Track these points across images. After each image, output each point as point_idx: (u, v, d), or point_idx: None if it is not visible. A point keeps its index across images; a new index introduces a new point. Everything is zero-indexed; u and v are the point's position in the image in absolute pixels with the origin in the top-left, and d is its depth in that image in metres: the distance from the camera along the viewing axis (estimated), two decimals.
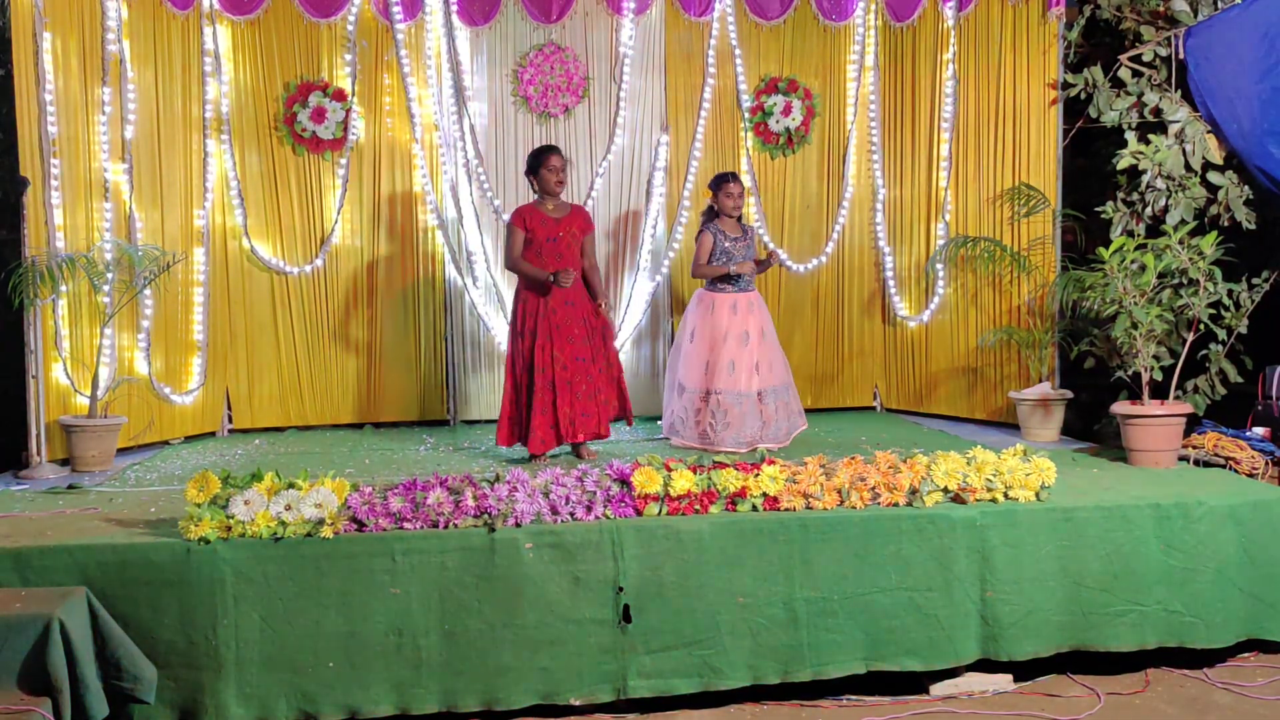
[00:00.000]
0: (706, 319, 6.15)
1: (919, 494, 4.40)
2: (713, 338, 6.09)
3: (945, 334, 7.31)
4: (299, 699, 3.98)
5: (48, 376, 5.82)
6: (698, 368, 6.10)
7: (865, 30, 7.67)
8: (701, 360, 6.10)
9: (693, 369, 6.13)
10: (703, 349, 6.11)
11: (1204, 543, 4.48)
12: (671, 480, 4.26)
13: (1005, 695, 4.35)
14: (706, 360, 6.07)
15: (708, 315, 6.16)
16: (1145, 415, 5.34)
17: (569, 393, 5.69)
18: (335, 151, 7.21)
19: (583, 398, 5.72)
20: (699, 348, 6.13)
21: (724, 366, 6.02)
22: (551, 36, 7.33)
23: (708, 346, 6.09)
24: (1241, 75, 5.83)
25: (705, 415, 6.03)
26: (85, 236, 6.14)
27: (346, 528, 4.07)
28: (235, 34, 7.07)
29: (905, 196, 7.59)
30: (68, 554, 3.93)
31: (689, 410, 6.11)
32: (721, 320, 6.11)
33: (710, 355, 6.07)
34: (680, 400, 6.18)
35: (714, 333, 6.10)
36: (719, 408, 5.99)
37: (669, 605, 4.16)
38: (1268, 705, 4.21)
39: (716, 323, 6.11)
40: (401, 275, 7.34)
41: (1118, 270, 5.48)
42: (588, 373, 5.75)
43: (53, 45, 5.88)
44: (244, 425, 7.21)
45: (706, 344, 6.10)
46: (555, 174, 5.79)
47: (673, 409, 6.24)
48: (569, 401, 5.68)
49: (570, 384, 5.69)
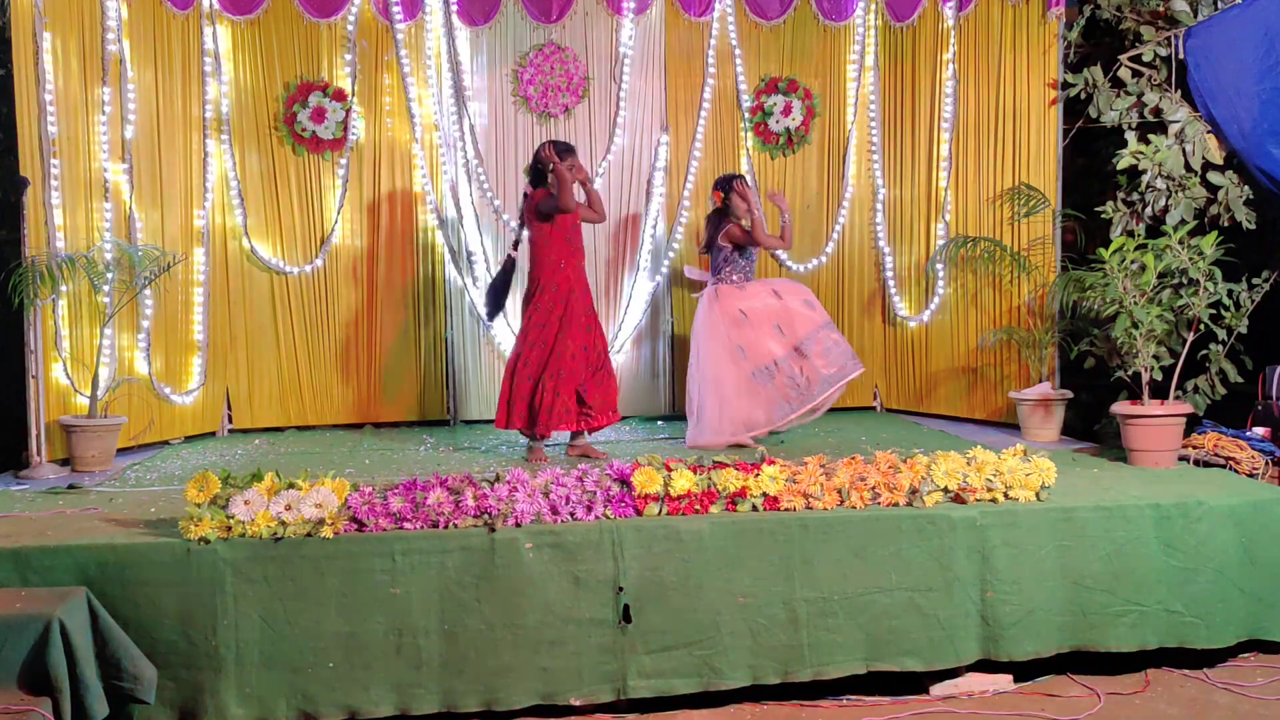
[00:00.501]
0: (734, 302, 6.15)
1: (919, 494, 4.39)
2: (756, 313, 6.11)
3: (945, 334, 7.31)
4: (299, 699, 3.98)
5: (48, 376, 5.82)
6: (758, 342, 6.06)
7: (865, 30, 7.67)
8: (762, 334, 6.07)
9: (754, 346, 6.07)
10: (752, 326, 6.10)
11: (1204, 543, 4.48)
12: (671, 480, 4.26)
13: (1005, 695, 4.35)
14: (758, 332, 6.07)
15: (735, 299, 6.16)
16: (1145, 415, 5.34)
17: (591, 379, 5.84)
18: (335, 151, 7.21)
19: (599, 386, 5.89)
20: (747, 329, 6.10)
21: (772, 329, 6.07)
22: (551, 36, 7.34)
23: (753, 321, 6.09)
24: (1242, 75, 5.83)
25: (799, 368, 6.02)
26: (85, 236, 6.14)
27: (346, 528, 4.07)
28: (235, 34, 7.07)
29: (905, 196, 7.59)
30: (68, 554, 3.93)
31: (776, 382, 6.03)
32: (744, 299, 6.15)
33: (758, 327, 6.08)
34: (748, 387, 6.06)
35: (751, 309, 6.12)
36: (809, 352, 6.02)
37: (669, 605, 4.16)
38: (1268, 705, 4.20)
39: (746, 300, 6.14)
40: (401, 275, 7.34)
41: (1118, 270, 5.48)
42: (602, 362, 5.96)
43: (53, 45, 5.88)
44: (244, 425, 7.22)
45: (751, 320, 6.10)
46: (574, 173, 5.89)
47: (721, 409, 6.07)
48: (588, 388, 5.84)
49: (589, 370, 5.86)
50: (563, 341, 5.76)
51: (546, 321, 5.79)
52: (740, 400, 6.01)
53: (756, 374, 6.03)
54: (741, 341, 6.08)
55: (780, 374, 6.02)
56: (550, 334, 5.78)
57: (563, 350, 5.75)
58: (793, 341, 6.09)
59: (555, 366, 5.72)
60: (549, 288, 5.81)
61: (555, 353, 5.75)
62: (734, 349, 6.05)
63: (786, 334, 6.10)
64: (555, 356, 5.74)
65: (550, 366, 5.73)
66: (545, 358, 5.75)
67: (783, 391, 6.02)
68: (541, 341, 5.78)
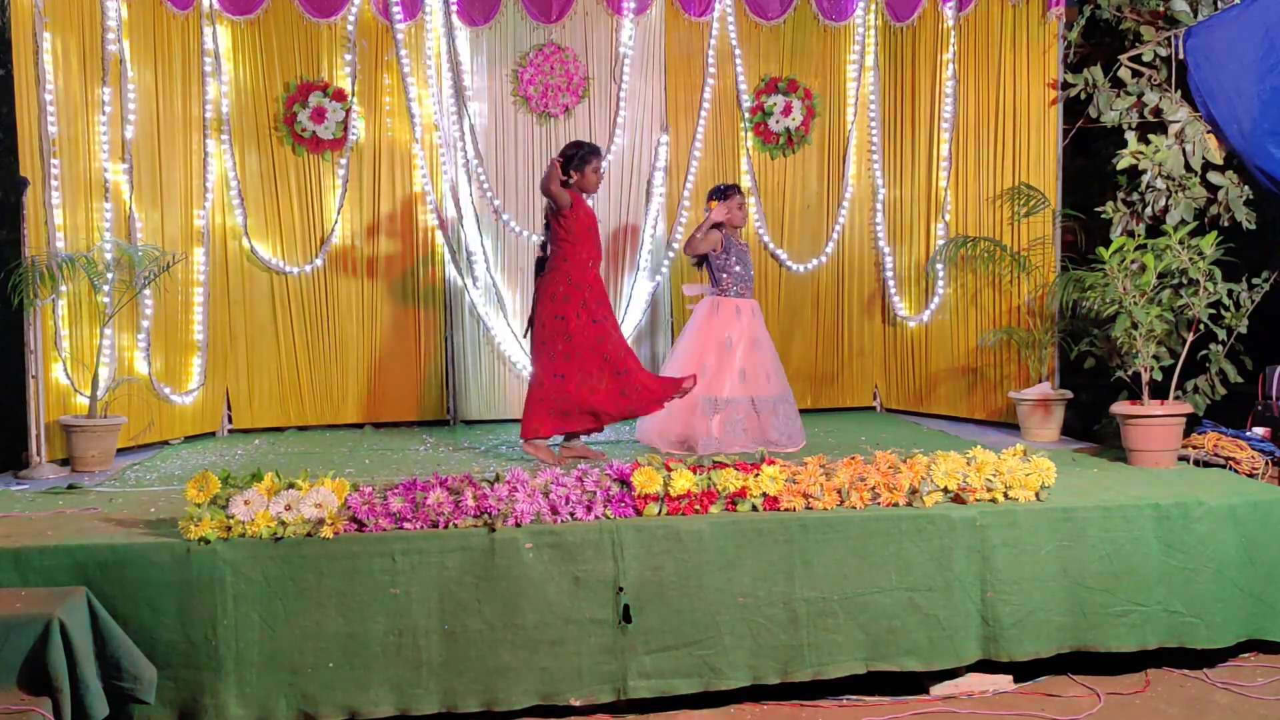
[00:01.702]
0: (712, 320, 6.03)
1: (919, 494, 4.39)
2: (719, 342, 5.96)
3: (945, 334, 7.31)
4: (299, 699, 3.98)
5: (48, 376, 5.82)
6: (720, 373, 5.92)
7: (865, 30, 7.67)
8: (725, 369, 5.93)
9: (717, 374, 5.92)
10: (705, 352, 5.98)
11: (1204, 543, 4.48)
12: (671, 480, 4.26)
13: (1005, 695, 4.35)
14: (707, 364, 5.96)
15: (712, 317, 6.04)
16: (1145, 415, 5.34)
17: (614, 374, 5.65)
18: (335, 151, 7.21)
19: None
20: (700, 351, 6.00)
21: (728, 371, 5.92)
22: (551, 36, 7.34)
23: (712, 350, 5.97)
24: (1242, 75, 5.83)
25: (716, 419, 5.88)
26: (85, 236, 6.14)
27: (346, 528, 4.07)
28: (235, 34, 7.07)
29: (905, 196, 7.59)
30: (68, 554, 3.93)
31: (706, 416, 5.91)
32: (725, 323, 6.01)
33: (715, 360, 5.94)
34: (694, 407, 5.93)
35: (719, 336, 5.97)
36: (723, 411, 5.88)
37: (669, 605, 4.16)
38: (1268, 705, 4.20)
39: (722, 325, 6.00)
40: (401, 275, 7.34)
41: (1118, 270, 5.47)
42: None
43: (53, 45, 5.88)
44: (244, 425, 7.22)
45: (711, 348, 5.97)
46: (598, 176, 5.70)
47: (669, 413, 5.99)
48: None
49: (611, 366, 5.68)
50: (605, 337, 5.65)
51: (581, 314, 5.66)
52: (683, 414, 5.92)
53: (705, 401, 5.88)
54: (709, 361, 5.96)
55: (728, 411, 5.87)
56: (584, 325, 5.63)
57: (608, 349, 5.64)
58: (751, 393, 5.94)
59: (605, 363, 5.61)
60: (573, 283, 5.68)
61: (603, 351, 5.61)
62: (702, 366, 5.93)
63: (748, 383, 5.94)
64: (603, 354, 5.60)
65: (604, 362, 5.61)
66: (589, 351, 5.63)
67: (719, 428, 5.84)
68: (582, 332, 5.63)
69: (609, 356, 5.60)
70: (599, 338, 5.60)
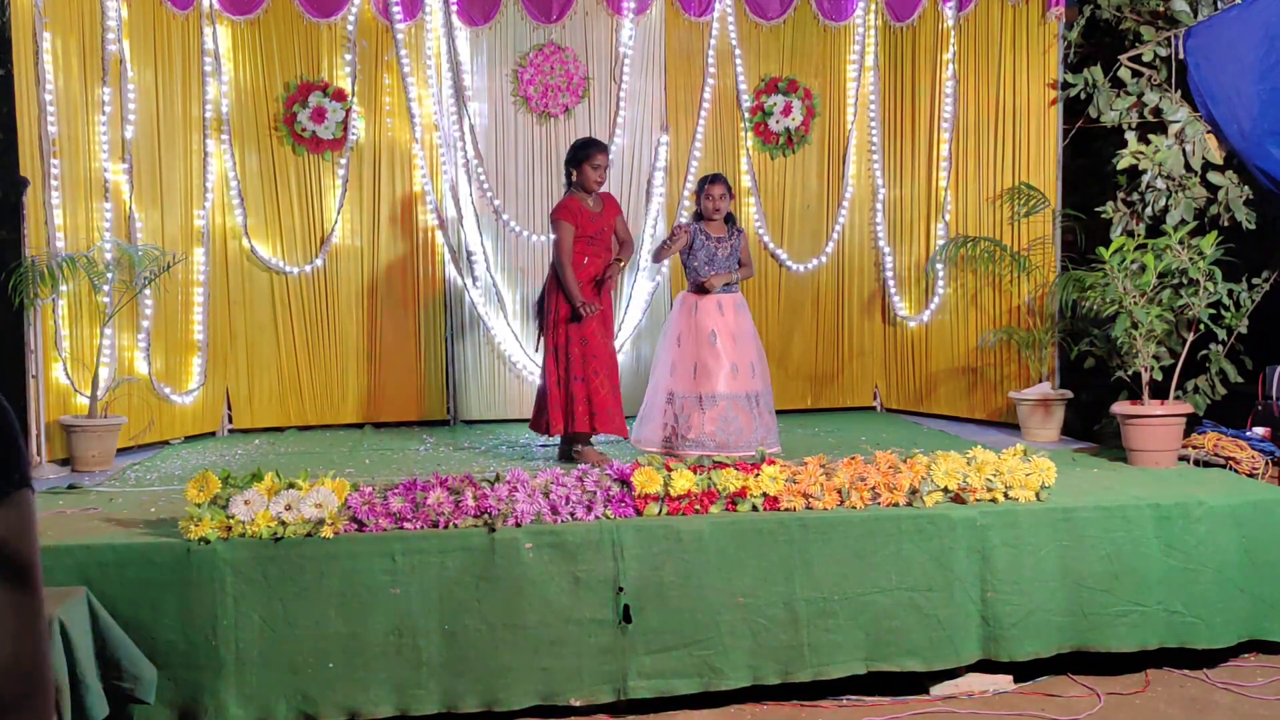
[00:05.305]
0: (690, 320, 5.80)
1: (919, 494, 4.39)
2: (697, 339, 5.74)
3: (945, 334, 7.31)
4: (299, 700, 3.98)
5: (48, 376, 5.81)
6: (684, 371, 5.79)
7: (865, 30, 7.67)
8: (689, 363, 5.76)
9: (679, 372, 5.78)
10: (686, 351, 5.83)
11: (1204, 543, 4.48)
12: (671, 480, 4.26)
13: (1005, 695, 4.35)
14: (693, 363, 5.79)
15: (690, 316, 5.81)
16: (1145, 415, 5.34)
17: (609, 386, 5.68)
18: (335, 151, 7.21)
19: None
20: (683, 350, 5.88)
21: (707, 369, 5.78)
22: (551, 36, 7.33)
23: (691, 348, 5.77)
24: (1242, 76, 5.82)
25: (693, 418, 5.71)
26: (85, 236, 6.14)
27: (346, 528, 4.07)
28: (235, 34, 7.07)
29: (905, 196, 7.59)
30: (68, 554, 3.93)
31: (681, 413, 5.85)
32: (705, 321, 5.78)
33: (696, 358, 5.80)
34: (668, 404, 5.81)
35: (699, 334, 5.75)
36: (705, 409, 5.77)
37: (669, 605, 4.16)
38: (1268, 705, 4.20)
39: (700, 324, 5.76)
40: (401, 275, 7.34)
41: (1118, 270, 5.47)
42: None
43: (53, 45, 5.88)
44: (244, 425, 7.21)
45: (690, 346, 5.78)
46: (599, 172, 5.65)
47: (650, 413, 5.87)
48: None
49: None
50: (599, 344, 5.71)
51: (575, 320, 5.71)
52: (660, 417, 5.85)
53: (691, 399, 5.69)
54: (692, 360, 5.73)
55: (720, 408, 5.72)
56: (583, 332, 5.67)
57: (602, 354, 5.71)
58: (740, 389, 5.70)
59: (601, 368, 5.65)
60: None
61: (596, 354, 5.66)
62: (672, 363, 5.75)
63: (740, 379, 5.78)
64: (600, 359, 5.66)
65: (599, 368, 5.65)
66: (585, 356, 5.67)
67: (711, 424, 5.62)
68: (581, 338, 5.68)
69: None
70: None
